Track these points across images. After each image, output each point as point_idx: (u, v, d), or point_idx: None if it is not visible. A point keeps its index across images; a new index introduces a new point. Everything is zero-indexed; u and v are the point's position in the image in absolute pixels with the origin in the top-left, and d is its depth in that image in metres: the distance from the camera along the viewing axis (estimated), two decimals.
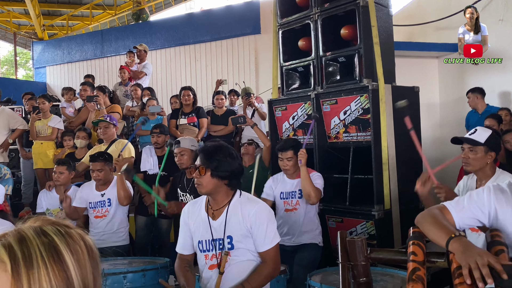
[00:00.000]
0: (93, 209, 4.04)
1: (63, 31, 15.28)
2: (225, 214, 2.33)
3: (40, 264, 0.74)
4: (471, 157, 2.76)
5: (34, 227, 0.79)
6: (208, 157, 2.29)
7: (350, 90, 4.12)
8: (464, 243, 1.53)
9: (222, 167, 2.28)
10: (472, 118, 6.07)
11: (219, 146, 2.35)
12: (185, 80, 9.73)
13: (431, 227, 1.69)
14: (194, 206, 2.48)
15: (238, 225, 2.30)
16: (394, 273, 2.90)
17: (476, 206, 1.75)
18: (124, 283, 2.95)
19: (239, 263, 2.32)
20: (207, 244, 2.37)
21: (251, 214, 2.29)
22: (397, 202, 4.06)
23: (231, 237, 2.32)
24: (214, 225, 2.35)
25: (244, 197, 2.39)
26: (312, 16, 4.41)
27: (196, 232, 2.42)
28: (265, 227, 2.29)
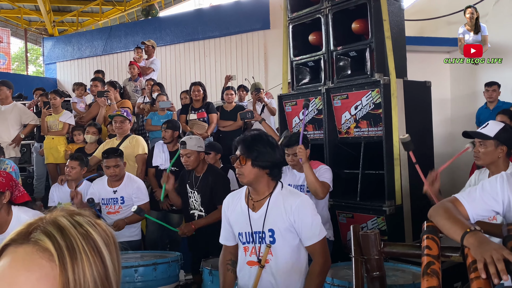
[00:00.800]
0: (105, 205, 4.06)
1: (73, 27, 15.36)
2: (266, 206, 2.29)
3: (82, 255, 0.74)
4: (481, 151, 2.75)
5: (66, 216, 0.79)
6: (247, 147, 2.26)
7: (361, 84, 4.09)
8: (479, 237, 1.51)
9: (262, 156, 2.25)
10: (483, 114, 6.02)
11: (258, 136, 2.32)
12: (194, 76, 9.74)
13: (445, 222, 1.67)
14: (234, 197, 2.44)
15: (280, 218, 2.25)
16: (406, 268, 2.89)
17: (489, 195, 1.73)
18: (135, 277, 2.97)
19: (279, 260, 2.26)
20: (247, 236, 2.32)
21: (293, 207, 2.24)
22: (408, 197, 4.03)
23: (272, 231, 2.26)
24: (254, 217, 2.30)
25: (286, 190, 2.34)
26: (323, 10, 4.38)
27: (235, 224, 2.38)
28: (310, 220, 2.25)
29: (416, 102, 4.19)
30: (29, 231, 0.75)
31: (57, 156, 5.80)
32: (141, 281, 2.99)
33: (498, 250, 1.43)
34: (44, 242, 0.73)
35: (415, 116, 4.14)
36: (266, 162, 2.26)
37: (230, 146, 6.46)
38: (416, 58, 5.94)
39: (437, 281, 1.45)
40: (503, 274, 1.34)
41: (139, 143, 4.94)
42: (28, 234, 0.75)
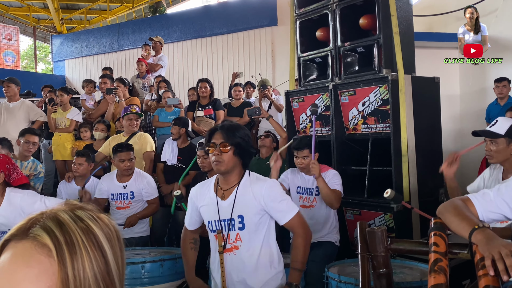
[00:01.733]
0: (115, 200, 4.07)
1: (81, 24, 15.44)
2: (234, 193, 2.35)
3: (82, 249, 0.73)
4: (493, 150, 2.71)
5: (67, 211, 0.78)
6: (231, 134, 2.29)
7: (369, 80, 4.06)
8: (488, 234, 1.49)
9: (243, 145, 2.30)
10: (493, 110, 5.95)
11: (238, 125, 2.39)
12: (201, 73, 9.74)
13: (453, 218, 1.65)
14: (203, 187, 2.50)
15: (250, 204, 2.32)
16: (414, 266, 2.87)
17: (503, 200, 1.69)
18: (142, 273, 2.97)
19: (249, 244, 2.33)
20: (216, 224, 2.38)
21: (263, 191, 2.32)
22: (416, 194, 4.00)
23: (242, 217, 2.33)
24: (223, 205, 2.37)
25: (253, 176, 2.41)
26: (331, 6, 4.35)
27: (205, 213, 2.44)
28: (279, 199, 2.34)
29: (424, 98, 4.16)
30: (29, 226, 0.74)
31: (64, 153, 5.83)
32: (147, 277, 3.00)
33: (507, 246, 1.41)
34: (42, 238, 0.72)
35: (424, 113, 4.10)
36: (245, 151, 2.32)
37: None
38: (424, 54, 5.89)
39: (444, 278, 1.44)
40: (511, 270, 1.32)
41: (147, 140, 4.96)
42: (27, 229, 0.74)
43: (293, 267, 2.34)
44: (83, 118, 6.24)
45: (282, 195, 2.38)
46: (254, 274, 2.33)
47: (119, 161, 4.04)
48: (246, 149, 2.33)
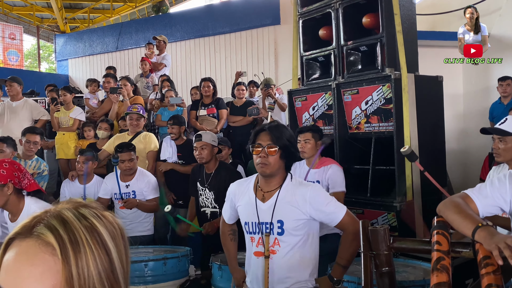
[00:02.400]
0: (118, 199, 4.09)
1: (85, 24, 15.46)
2: (275, 197, 2.25)
3: (86, 248, 0.73)
4: (501, 148, 2.69)
5: (71, 209, 0.78)
6: (278, 136, 2.20)
7: (372, 79, 4.06)
8: (491, 231, 1.50)
9: (290, 147, 2.23)
10: (496, 109, 5.93)
11: (285, 126, 2.30)
12: (204, 72, 9.74)
13: (455, 217, 1.65)
14: (242, 185, 2.40)
15: (291, 209, 2.23)
16: (417, 265, 2.86)
17: (498, 193, 1.71)
18: (145, 271, 2.98)
19: (286, 250, 2.25)
20: (253, 227, 2.30)
21: (307, 197, 2.22)
22: (420, 193, 3.99)
23: (281, 222, 2.24)
24: (262, 207, 2.27)
25: (295, 181, 2.32)
26: (333, 5, 4.34)
27: (242, 213, 2.37)
28: (326, 202, 2.25)
29: (427, 97, 4.15)
30: (33, 225, 0.74)
31: (67, 152, 5.85)
32: (151, 275, 3.01)
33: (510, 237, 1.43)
34: (46, 236, 0.72)
35: (427, 111, 4.10)
36: (292, 154, 2.24)
37: (240, 141, 6.53)
38: (427, 52, 5.88)
39: (447, 277, 1.44)
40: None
41: (152, 140, 4.98)
42: (31, 227, 0.74)
43: (338, 262, 2.28)
44: (87, 117, 6.26)
45: (327, 198, 2.30)
46: (286, 280, 2.25)
47: (120, 161, 4.06)
48: (293, 152, 2.25)
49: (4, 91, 6.37)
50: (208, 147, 3.81)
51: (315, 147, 3.57)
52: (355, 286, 2.52)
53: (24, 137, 4.65)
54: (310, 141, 3.56)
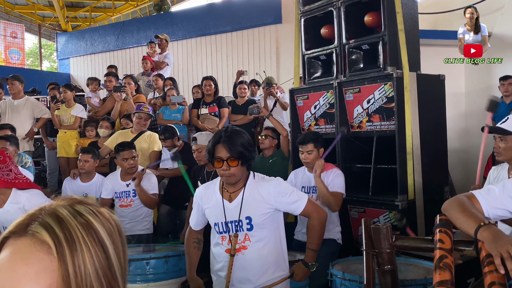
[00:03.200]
0: (118, 198, 4.09)
1: (86, 22, 15.47)
2: (241, 195, 2.38)
3: (82, 245, 0.72)
4: (502, 147, 2.70)
5: (66, 206, 0.77)
6: (235, 147, 2.29)
7: (373, 78, 4.05)
8: (494, 231, 1.48)
9: (249, 155, 2.33)
10: (499, 109, 5.91)
11: (238, 133, 2.36)
12: (206, 71, 9.75)
13: (459, 215, 1.64)
14: (208, 189, 2.51)
15: (258, 205, 2.36)
16: (418, 263, 2.86)
17: (509, 196, 1.68)
18: (147, 269, 2.99)
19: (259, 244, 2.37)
20: (222, 226, 2.41)
21: (271, 190, 2.37)
22: (421, 192, 3.99)
23: (250, 218, 2.37)
24: (229, 207, 2.39)
25: (258, 177, 2.44)
26: (335, 3, 4.34)
27: (211, 215, 2.46)
28: (288, 193, 2.40)
29: (429, 96, 4.14)
30: (27, 223, 0.73)
31: (68, 150, 5.85)
32: (152, 273, 3.01)
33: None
34: (41, 235, 0.71)
35: (429, 110, 4.09)
36: (250, 158, 2.35)
37: None
38: (429, 51, 5.87)
39: (449, 275, 1.43)
40: None
41: (156, 140, 5.00)
42: (26, 226, 0.73)
43: (308, 247, 2.43)
44: (89, 116, 6.26)
45: (289, 188, 2.45)
46: (260, 273, 2.36)
47: (122, 160, 4.06)
48: (251, 155, 2.35)
49: (6, 90, 6.38)
50: (204, 149, 3.83)
51: (318, 156, 3.57)
52: (357, 284, 2.51)
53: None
54: (313, 152, 3.56)
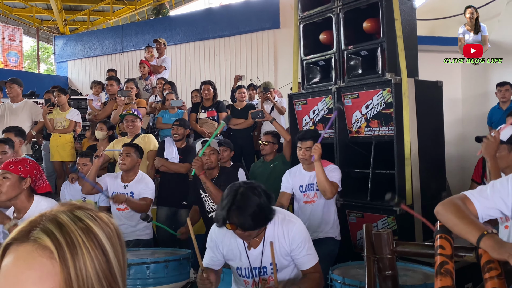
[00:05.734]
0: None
1: (84, 26, 15.47)
2: (262, 244, 2.30)
3: (83, 249, 0.74)
4: (496, 156, 2.72)
5: (66, 212, 0.79)
6: (249, 224, 2.13)
7: (372, 84, 4.08)
8: (498, 240, 1.51)
9: (263, 221, 2.20)
10: (495, 114, 5.97)
11: (247, 202, 2.13)
12: (204, 75, 9.78)
13: (457, 221, 1.65)
14: (225, 231, 2.35)
15: (279, 249, 2.30)
16: (417, 268, 2.87)
17: (499, 196, 1.71)
18: (147, 273, 2.99)
19: (285, 279, 2.35)
20: (246, 272, 2.36)
21: (291, 235, 2.29)
22: (419, 197, 4.01)
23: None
24: (252, 253, 2.32)
25: (278, 219, 2.31)
26: (334, 10, 4.37)
27: (232, 259, 2.38)
28: (306, 246, 2.32)
29: (427, 102, 4.17)
30: (29, 229, 0.76)
31: (63, 154, 5.83)
32: (152, 277, 3.01)
33: None
34: (43, 240, 0.73)
35: (427, 116, 4.12)
36: (267, 219, 2.22)
37: (241, 144, 6.53)
38: (427, 57, 5.91)
39: (451, 281, 1.45)
40: None
41: (151, 140, 5.01)
42: (28, 232, 0.75)
43: (299, 285, 2.30)
44: (89, 119, 6.27)
45: (307, 240, 2.36)
46: None
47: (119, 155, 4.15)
48: (268, 213, 2.20)
49: (4, 93, 6.37)
50: (216, 153, 3.89)
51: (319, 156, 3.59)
52: None
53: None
54: (311, 149, 3.58)
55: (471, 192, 1.77)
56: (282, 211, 2.41)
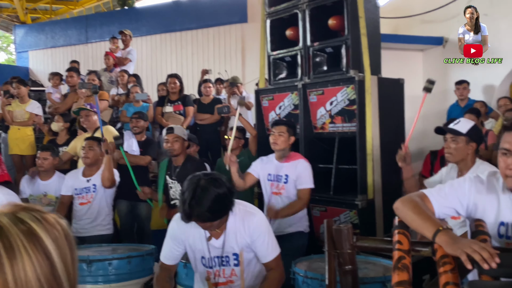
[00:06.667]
0: (78, 195, 4.00)
1: (47, 15, 14.97)
2: (223, 235, 2.29)
3: (23, 253, 0.71)
4: (453, 147, 2.84)
5: (8, 214, 0.76)
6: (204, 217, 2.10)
7: (336, 81, 4.14)
8: (452, 235, 1.57)
9: (221, 213, 2.17)
10: (454, 111, 6.17)
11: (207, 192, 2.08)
12: (170, 68, 9.65)
13: (415, 217, 1.72)
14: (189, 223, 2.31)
15: (242, 240, 2.29)
16: (377, 261, 2.96)
17: (456, 196, 1.79)
18: (109, 270, 2.95)
19: (250, 274, 2.35)
20: (209, 261, 2.34)
21: (251, 227, 2.28)
22: (380, 192, 4.12)
23: (236, 254, 2.31)
24: (214, 244, 2.31)
25: (238, 210, 2.29)
26: (301, 6, 4.40)
27: (196, 248, 2.35)
28: (266, 238, 2.30)
29: (389, 99, 4.28)
30: None
31: (22, 147, 5.66)
32: (115, 274, 2.98)
33: (475, 242, 1.51)
34: None
35: (389, 113, 4.22)
36: (229, 210, 2.20)
37: (208, 139, 6.49)
38: (390, 55, 6.03)
39: (407, 275, 1.50)
40: (491, 261, 1.40)
41: (109, 131, 4.88)
42: None
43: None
44: (49, 112, 6.09)
45: (269, 232, 2.34)
46: None
47: (82, 149, 4.10)
48: (226, 209, 2.19)
49: None
50: (180, 140, 3.85)
51: (288, 141, 3.62)
52: (318, 282, 2.58)
53: None
54: (284, 135, 3.59)
55: (430, 191, 1.84)
56: (244, 203, 2.40)
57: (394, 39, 7.09)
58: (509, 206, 1.71)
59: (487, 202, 1.74)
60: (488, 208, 1.74)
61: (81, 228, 3.95)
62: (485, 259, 1.41)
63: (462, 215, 1.80)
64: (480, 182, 1.78)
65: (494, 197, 1.74)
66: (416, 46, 7.52)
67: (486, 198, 1.74)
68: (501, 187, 1.74)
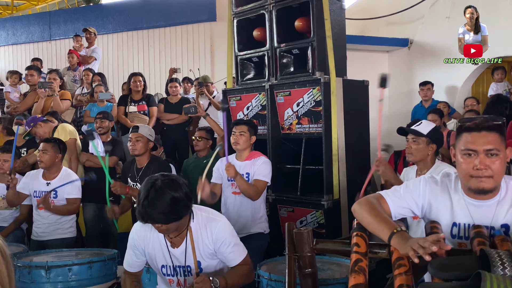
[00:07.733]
0: (37, 198, 3.87)
1: (8, 10, 14.48)
2: (185, 243, 2.23)
3: None
4: (414, 148, 2.94)
5: None
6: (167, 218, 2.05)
7: (303, 82, 4.17)
8: (405, 236, 1.61)
9: (180, 213, 2.10)
10: (418, 112, 6.31)
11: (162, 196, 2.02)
12: (137, 66, 9.49)
13: (371, 220, 1.74)
14: (148, 229, 2.26)
15: (204, 248, 2.23)
16: (341, 262, 2.98)
17: (411, 197, 1.83)
18: (69, 276, 2.87)
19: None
20: (170, 270, 2.28)
21: (214, 234, 2.22)
22: (346, 192, 4.17)
23: (199, 262, 2.25)
24: (175, 253, 2.25)
25: (200, 217, 2.25)
26: (267, 7, 4.40)
27: (156, 258, 2.29)
28: (232, 242, 2.26)
29: (354, 100, 4.33)
30: None
31: None
32: (75, 280, 2.90)
33: (422, 238, 1.55)
34: None
35: (353, 114, 4.28)
36: (184, 214, 2.13)
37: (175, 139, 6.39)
38: (356, 56, 6.12)
39: (363, 278, 1.52)
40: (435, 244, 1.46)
41: (64, 129, 4.74)
42: None
43: (225, 277, 2.20)
44: (7, 112, 5.88)
45: (233, 237, 2.29)
46: None
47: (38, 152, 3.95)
48: (181, 213, 2.09)
49: None
50: (143, 140, 3.73)
51: (249, 141, 3.61)
52: (282, 285, 2.57)
53: None
54: (245, 134, 3.58)
55: (386, 192, 1.87)
56: (207, 209, 2.35)
57: (360, 40, 7.19)
58: (462, 207, 1.75)
59: (440, 203, 1.79)
60: (441, 209, 1.78)
61: (42, 232, 3.84)
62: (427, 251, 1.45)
63: (418, 215, 1.84)
64: (435, 183, 1.82)
65: (447, 198, 1.78)
66: (382, 47, 7.65)
67: (440, 199, 1.79)
68: (453, 188, 1.78)
